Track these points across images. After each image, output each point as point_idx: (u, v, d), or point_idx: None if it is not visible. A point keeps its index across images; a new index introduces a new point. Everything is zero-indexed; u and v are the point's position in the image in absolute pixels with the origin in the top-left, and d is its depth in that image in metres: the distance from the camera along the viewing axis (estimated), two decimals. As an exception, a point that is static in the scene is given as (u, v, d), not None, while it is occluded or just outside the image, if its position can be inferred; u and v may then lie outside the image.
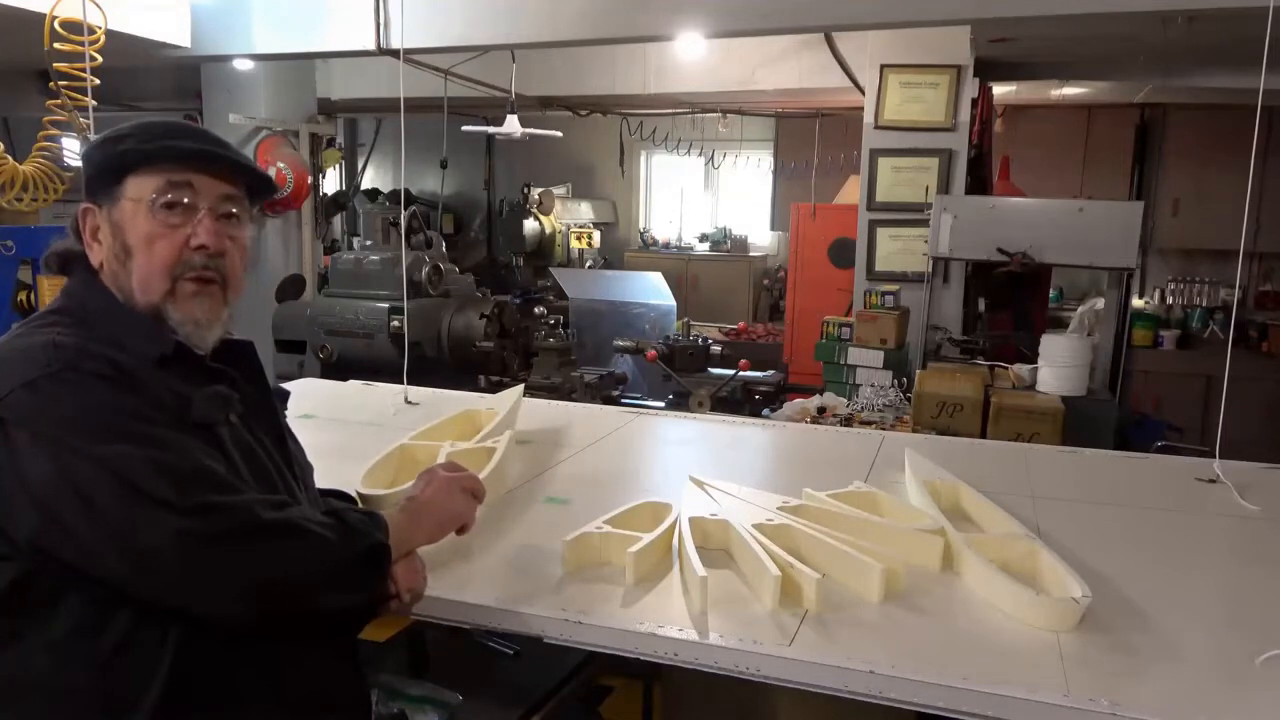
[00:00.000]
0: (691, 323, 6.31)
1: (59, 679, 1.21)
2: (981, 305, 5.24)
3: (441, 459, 2.11)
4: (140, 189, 1.34)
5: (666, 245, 9.19)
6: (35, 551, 1.20)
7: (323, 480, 1.62)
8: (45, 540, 1.19)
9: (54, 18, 3.36)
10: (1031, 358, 4.07)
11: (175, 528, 1.16)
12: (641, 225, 9.58)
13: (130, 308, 1.35)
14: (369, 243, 5.33)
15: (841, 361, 4.42)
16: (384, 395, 3.08)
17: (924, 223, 4.73)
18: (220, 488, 1.23)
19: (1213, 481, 2.31)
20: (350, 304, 5.00)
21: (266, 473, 1.38)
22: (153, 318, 1.34)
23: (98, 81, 3.32)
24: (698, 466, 2.21)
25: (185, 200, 1.35)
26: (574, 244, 8.70)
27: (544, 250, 8.53)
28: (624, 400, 4.37)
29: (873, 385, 4.18)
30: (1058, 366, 3.86)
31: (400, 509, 1.50)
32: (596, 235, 9.02)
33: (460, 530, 1.58)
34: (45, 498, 1.17)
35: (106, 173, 1.36)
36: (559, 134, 6.43)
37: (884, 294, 4.62)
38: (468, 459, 2.14)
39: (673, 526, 1.76)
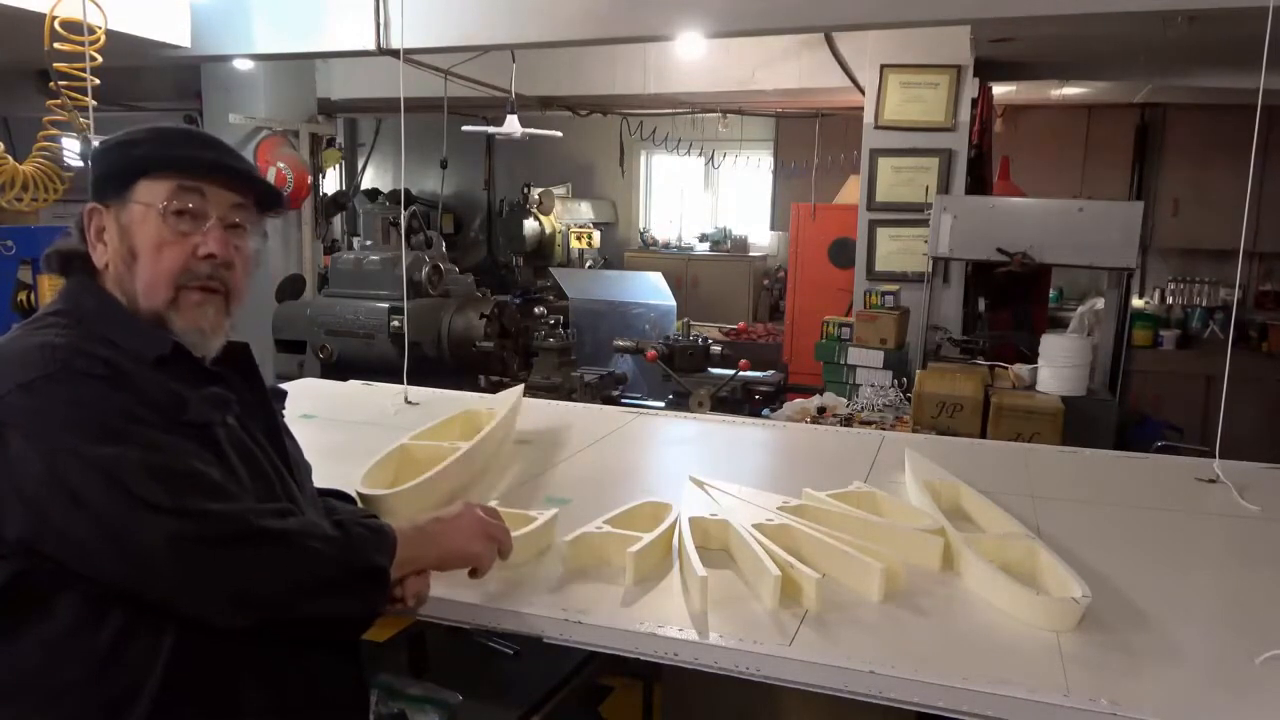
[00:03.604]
0: (691, 323, 6.32)
1: (54, 677, 1.21)
2: (981, 305, 5.23)
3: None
4: (151, 194, 1.34)
5: (666, 245, 9.19)
6: (27, 551, 1.19)
7: (323, 480, 1.62)
8: (36, 540, 1.19)
9: (54, 18, 3.37)
10: (1031, 358, 4.07)
11: (166, 530, 1.16)
12: (641, 225, 9.58)
13: (131, 311, 1.34)
14: (369, 243, 5.33)
15: (841, 361, 4.42)
16: (384, 395, 3.07)
17: (924, 223, 4.73)
18: (214, 492, 1.23)
19: (1213, 481, 2.30)
20: (350, 304, 5.00)
21: (264, 474, 1.37)
22: (154, 323, 1.34)
23: (98, 81, 3.32)
24: (698, 466, 2.21)
25: (195, 208, 1.35)
26: (574, 244, 8.69)
27: (544, 250, 8.52)
28: (624, 400, 4.37)
29: (873, 385, 4.18)
30: (1058, 366, 3.86)
31: (420, 526, 1.47)
32: (596, 235, 9.01)
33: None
34: (36, 497, 1.17)
35: (117, 174, 1.36)
36: (559, 134, 6.43)
37: (884, 294, 4.62)
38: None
39: (673, 526, 1.76)
